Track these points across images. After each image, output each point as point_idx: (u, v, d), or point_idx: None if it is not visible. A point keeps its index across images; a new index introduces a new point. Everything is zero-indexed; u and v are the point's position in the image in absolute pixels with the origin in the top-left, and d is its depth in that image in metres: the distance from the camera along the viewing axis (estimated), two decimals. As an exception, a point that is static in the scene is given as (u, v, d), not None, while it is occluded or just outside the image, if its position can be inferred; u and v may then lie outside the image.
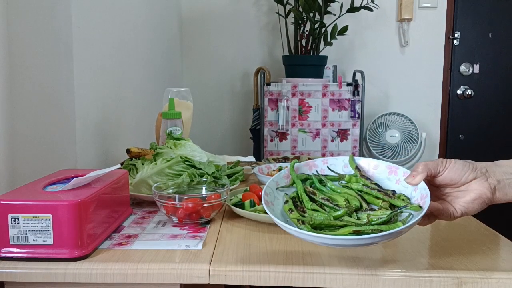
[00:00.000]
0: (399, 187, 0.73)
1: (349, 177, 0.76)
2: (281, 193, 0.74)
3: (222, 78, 2.89)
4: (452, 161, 0.69)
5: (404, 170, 0.74)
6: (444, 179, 0.69)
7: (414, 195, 0.70)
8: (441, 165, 0.69)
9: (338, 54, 2.81)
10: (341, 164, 0.80)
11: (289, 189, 0.76)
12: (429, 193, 0.66)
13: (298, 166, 0.79)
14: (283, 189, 0.75)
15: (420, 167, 0.70)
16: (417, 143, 2.66)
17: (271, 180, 0.74)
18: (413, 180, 0.70)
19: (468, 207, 0.68)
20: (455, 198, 0.69)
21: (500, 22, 2.81)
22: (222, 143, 2.93)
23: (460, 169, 0.68)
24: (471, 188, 0.68)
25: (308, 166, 0.80)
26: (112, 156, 1.41)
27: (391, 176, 0.75)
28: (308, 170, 0.79)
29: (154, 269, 0.67)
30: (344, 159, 0.80)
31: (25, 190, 0.73)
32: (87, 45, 1.25)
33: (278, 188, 0.75)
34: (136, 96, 1.80)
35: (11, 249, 0.68)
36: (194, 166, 1.00)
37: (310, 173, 0.79)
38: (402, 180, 0.73)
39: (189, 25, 2.84)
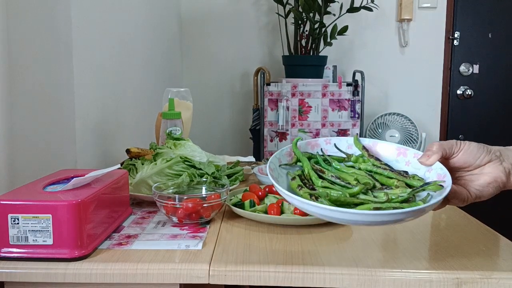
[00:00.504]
0: (410, 168, 0.70)
1: (355, 158, 0.73)
2: (284, 171, 0.70)
3: (222, 78, 2.89)
4: (466, 143, 0.67)
5: (414, 151, 0.71)
6: (458, 161, 0.66)
7: (428, 176, 0.67)
8: (455, 146, 0.66)
9: (338, 54, 2.81)
10: (345, 144, 0.76)
11: (291, 168, 0.72)
12: (448, 172, 0.63)
13: (300, 145, 0.74)
14: (285, 167, 0.71)
15: (434, 147, 0.66)
16: (417, 143, 2.66)
17: (274, 157, 0.70)
18: (427, 160, 0.66)
19: (483, 190, 0.65)
20: (469, 181, 0.66)
21: (500, 22, 2.82)
22: (222, 143, 2.93)
23: (475, 151, 0.66)
24: (485, 171, 0.66)
25: (311, 146, 0.76)
26: (112, 156, 1.41)
27: (399, 158, 0.72)
28: (311, 149, 0.76)
29: (154, 269, 0.67)
30: (348, 139, 0.76)
31: (25, 190, 0.73)
32: (87, 45, 1.25)
33: (281, 165, 0.71)
34: (136, 96, 1.80)
35: (11, 249, 0.68)
36: (194, 166, 1.00)
37: (312, 152, 0.75)
38: (412, 162, 0.70)
39: (189, 25, 2.84)
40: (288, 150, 0.73)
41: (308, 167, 0.69)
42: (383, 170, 0.68)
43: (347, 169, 0.70)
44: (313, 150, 0.75)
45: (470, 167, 0.66)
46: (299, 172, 0.69)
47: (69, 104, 1.14)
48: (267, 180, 1.13)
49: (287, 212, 0.88)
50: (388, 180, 0.67)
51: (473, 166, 0.66)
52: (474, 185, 0.66)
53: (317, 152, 0.75)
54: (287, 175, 0.69)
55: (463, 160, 0.66)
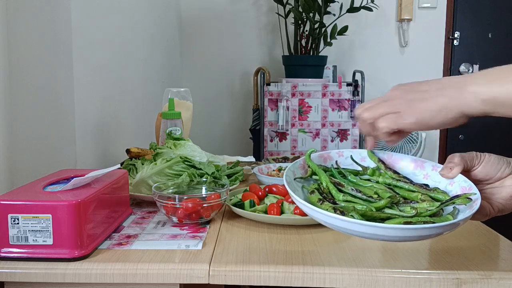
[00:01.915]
0: (429, 181, 0.67)
1: (372, 170, 0.70)
2: (299, 184, 0.67)
3: (222, 78, 2.89)
4: (486, 154, 0.65)
5: (432, 163, 0.69)
6: (479, 173, 0.64)
7: (451, 189, 0.64)
8: (476, 158, 0.64)
9: (338, 54, 2.81)
10: (358, 157, 0.73)
11: (306, 181, 0.68)
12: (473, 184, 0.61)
13: (312, 157, 0.72)
14: (300, 180, 0.68)
15: (456, 159, 0.64)
16: (417, 143, 2.66)
17: (288, 169, 0.67)
18: (449, 173, 0.64)
19: (506, 204, 0.63)
20: (491, 194, 0.64)
21: (500, 22, 2.82)
22: (222, 143, 2.93)
23: (496, 163, 0.64)
24: (506, 184, 0.64)
25: (323, 158, 0.73)
26: (112, 156, 1.41)
27: (417, 171, 0.69)
28: (323, 162, 0.73)
29: (154, 269, 0.67)
30: (360, 152, 0.73)
31: (25, 190, 0.73)
32: (87, 45, 1.25)
33: (296, 179, 0.68)
34: (136, 96, 1.80)
35: (11, 249, 0.68)
36: (194, 166, 1.00)
37: (325, 165, 0.72)
38: (431, 174, 0.67)
39: (188, 25, 2.84)
40: (301, 162, 0.70)
41: (327, 180, 0.66)
42: (403, 183, 0.66)
43: (364, 182, 0.68)
44: (326, 163, 0.73)
45: (491, 179, 0.64)
46: (316, 186, 0.66)
47: (69, 104, 1.14)
48: (267, 180, 1.13)
49: (287, 212, 0.88)
50: (410, 194, 0.64)
51: (494, 179, 0.64)
52: (496, 198, 0.64)
53: (332, 165, 0.72)
54: (302, 189, 0.67)
55: (484, 173, 0.64)
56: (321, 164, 0.71)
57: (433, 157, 2.95)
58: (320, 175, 0.67)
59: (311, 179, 0.68)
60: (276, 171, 1.26)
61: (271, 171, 1.26)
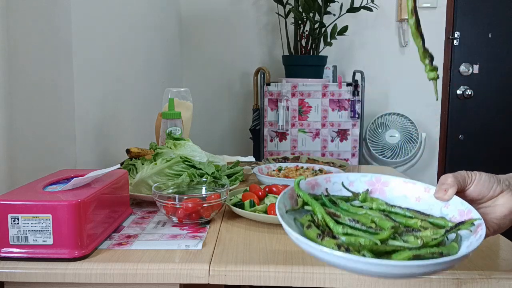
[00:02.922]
0: (422, 205, 0.65)
1: (363, 196, 0.66)
2: (291, 216, 0.63)
3: (222, 78, 2.89)
4: (477, 173, 0.63)
5: (424, 185, 0.66)
6: (472, 193, 0.63)
7: (446, 212, 0.62)
8: (468, 178, 0.63)
9: (338, 54, 2.81)
10: (346, 182, 0.70)
11: (297, 213, 0.64)
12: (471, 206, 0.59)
13: (300, 185, 0.67)
14: (292, 212, 0.63)
15: (449, 180, 0.62)
16: (417, 143, 2.66)
17: (279, 202, 0.62)
18: (445, 195, 0.62)
19: (500, 223, 0.62)
20: (484, 215, 0.62)
21: (500, 22, 2.82)
22: (222, 143, 2.93)
23: (487, 181, 0.62)
24: (499, 203, 0.62)
25: (311, 185, 0.69)
26: (112, 156, 1.41)
27: (408, 193, 0.66)
28: (311, 189, 0.68)
29: (154, 269, 0.67)
30: (348, 175, 0.70)
31: (25, 190, 0.73)
32: (87, 45, 1.25)
33: (288, 212, 0.63)
34: (136, 96, 1.80)
35: (11, 249, 0.68)
36: (194, 166, 1.00)
37: (313, 192, 0.68)
38: (423, 197, 0.65)
39: (188, 25, 2.84)
40: (290, 192, 0.65)
41: (322, 212, 0.61)
42: (398, 209, 0.63)
43: (356, 209, 0.64)
44: (314, 190, 0.68)
45: (484, 198, 0.63)
46: (309, 218, 0.62)
47: (69, 104, 1.14)
48: (267, 180, 1.13)
49: (287, 212, 0.88)
50: (408, 220, 0.61)
51: (486, 198, 0.63)
52: (490, 218, 0.62)
53: (322, 193, 0.67)
54: (294, 221, 0.62)
55: (477, 192, 0.63)
56: (309, 193, 0.67)
57: (433, 157, 2.95)
58: (314, 206, 0.62)
59: (302, 210, 0.64)
60: (276, 171, 1.26)
61: (271, 171, 1.26)
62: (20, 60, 0.90)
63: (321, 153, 2.41)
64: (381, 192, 0.67)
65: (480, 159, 2.97)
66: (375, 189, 0.68)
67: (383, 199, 0.66)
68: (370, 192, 0.68)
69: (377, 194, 0.68)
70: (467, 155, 2.96)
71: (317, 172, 1.24)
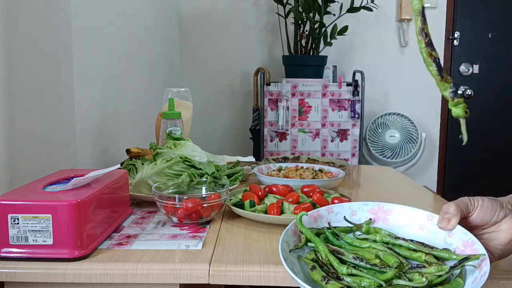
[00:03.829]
0: (425, 233, 0.64)
1: (366, 228, 0.65)
2: (295, 254, 0.61)
3: (222, 78, 2.89)
4: (479, 199, 0.62)
5: (427, 213, 0.65)
6: (475, 219, 0.62)
7: (450, 241, 0.61)
8: (470, 204, 0.62)
9: (338, 54, 2.81)
10: (348, 212, 0.69)
11: (301, 250, 0.63)
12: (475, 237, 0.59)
13: (302, 220, 0.66)
14: (295, 251, 0.62)
15: (451, 209, 0.61)
16: (417, 143, 2.66)
17: (282, 241, 0.61)
18: (448, 224, 0.61)
19: (505, 249, 0.61)
20: (488, 241, 0.62)
21: (500, 22, 2.82)
22: (222, 143, 2.93)
23: (490, 207, 0.61)
24: (502, 228, 0.61)
25: (313, 218, 0.68)
26: (112, 156, 1.41)
27: (411, 222, 0.66)
28: (314, 222, 0.67)
29: (154, 269, 0.67)
30: (350, 205, 0.70)
31: (25, 190, 0.73)
32: (87, 45, 1.25)
33: (291, 251, 0.61)
34: (136, 96, 1.80)
35: (11, 249, 0.68)
36: (194, 166, 1.00)
37: (316, 226, 0.67)
38: (427, 225, 0.64)
39: (189, 25, 2.84)
40: (292, 228, 0.64)
41: (326, 251, 0.60)
42: (402, 241, 0.62)
43: (360, 242, 0.63)
44: (317, 223, 0.68)
45: (487, 224, 0.62)
46: (313, 256, 0.61)
47: (69, 104, 1.14)
48: (267, 180, 1.13)
49: (287, 212, 0.88)
50: (412, 254, 0.59)
51: (489, 224, 0.62)
52: (494, 244, 0.61)
53: (324, 227, 0.67)
54: (298, 260, 0.61)
55: (480, 219, 0.61)
56: (312, 227, 0.66)
57: (433, 157, 2.95)
58: (318, 245, 0.61)
59: (306, 247, 0.63)
60: (276, 171, 1.26)
61: (271, 171, 1.26)
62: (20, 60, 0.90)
63: (321, 153, 2.41)
64: (384, 220, 0.67)
65: (480, 159, 2.97)
66: (378, 218, 0.67)
67: (386, 228, 0.66)
68: (373, 221, 0.68)
69: (380, 223, 0.67)
70: (467, 155, 2.96)
71: (317, 172, 1.24)
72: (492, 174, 2.96)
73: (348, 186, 1.23)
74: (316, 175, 1.21)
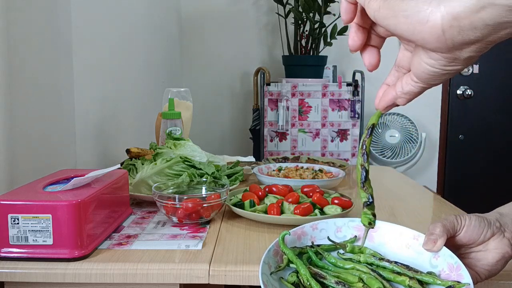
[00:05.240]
0: (411, 252, 0.62)
1: (351, 247, 0.64)
2: (276, 277, 0.59)
3: (221, 78, 2.89)
4: (466, 217, 0.60)
5: (414, 232, 0.63)
6: (462, 238, 0.60)
7: (436, 263, 0.59)
8: (457, 224, 0.60)
9: (338, 54, 2.81)
10: (333, 228, 0.68)
11: (283, 271, 0.60)
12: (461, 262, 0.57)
13: (286, 239, 0.64)
14: (277, 273, 0.59)
15: (437, 229, 0.59)
16: (417, 143, 2.66)
17: (263, 263, 0.58)
18: (434, 246, 0.59)
19: (492, 270, 0.59)
20: (476, 261, 0.60)
21: (500, 22, 2.81)
22: (222, 143, 2.93)
23: (477, 226, 0.59)
24: (490, 248, 0.59)
25: (297, 236, 0.66)
26: (112, 156, 1.41)
27: (397, 240, 0.64)
28: (297, 240, 0.66)
29: (154, 269, 0.67)
30: (335, 221, 0.68)
31: (25, 190, 0.73)
32: (87, 45, 1.25)
33: (272, 273, 0.59)
34: (136, 96, 1.80)
35: (11, 249, 0.68)
36: (194, 166, 1.00)
37: (299, 244, 0.66)
38: (413, 244, 0.62)
39: (188, 25, 2.84)
40: (274, 248, 0.62)
41: (307, 275, 0.58)
42: (387, 263, 0.60)
43: (344, 263, 0.62)
44: (301, 241, 0.66)
45: (474, 243, 0.60)
46: (295, 278, 0.59)
47: (69, 104, 1.14)
48: (267, 180, 1.13)
49: (287, 212, 0.88)
50: (396, 277, 0.58)
51: (477, 243, 0.60)
52: (482, 265, 0.59)
53: (307, 246, 0.65)
54: (279, 282, 0.59)
55: (467, 238, 0.59)
56: (295, 246, 0.64)
57: (433, 157, 2.95)
58: (300, 268, 0.59)
59: (288, 268, 0.61)
60: (276, 171, 1.26)
61: (271, 171, 1.26)
62: (20, 60, 0.90)
63: (321, 153, 2.41)
64: (369, 237, 0.65)
65: (480, 159, 2.97)
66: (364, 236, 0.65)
67: (371, 245, 0.65)
68: (359, 239, 0.66)
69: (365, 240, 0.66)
70: (467, 155, 2.96)
71: (317, 172, 1.24)
72: (492, 174, 2.96)
73: (348, 186, 1.23)
74: (316, 175, 1.21)
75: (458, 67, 0.43)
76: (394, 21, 0.43)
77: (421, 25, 0.41)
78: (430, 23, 0.40)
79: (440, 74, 0.45)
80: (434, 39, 0.41)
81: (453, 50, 0.41)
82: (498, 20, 0.38)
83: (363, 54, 0.54)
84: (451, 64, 0.43)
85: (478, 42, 0.40)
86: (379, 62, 0.55)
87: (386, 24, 0.45)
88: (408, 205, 1.05)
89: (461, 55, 0.42)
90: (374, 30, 0.52)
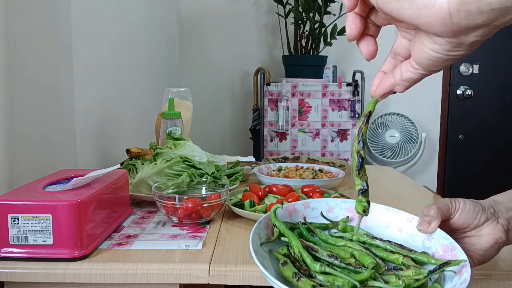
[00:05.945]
0: (404, 235, 0.62)
1: (343, 226, 0.63)
2: (266, 249, 0.58)
3: (221, 78, 2.89)
4: (461, 201, 0.60)
5: (407, 215, 0.63)
6: (456, 222, 0.60)
7: (429, 245, 0.59)
8: (452, 207, 0.60)
9: (338, 54, 2.81)
10: (325, 207, 0.67)
11: (274, 244, 0.59)
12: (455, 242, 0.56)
13: (277, 213, 0.63)
14: (267, 244, 0.59)
15: (432, 211, 0.59)
16: (417, 143, 2.66)
17: (253, 233, 0.57)
18: (428, 227, 0.59)
19: (485, 255, 0.59)
20: (469, 245, 0.59)
21: (500, 22, 2.81)
22: (222, 143, 2.93)
23: (471, 210, 0.59)
24: (484, 233, 0.59)
25: (288, 212, 0.65)
26: (112, 156, 1.41)
27: (390, 223, 0.63)
28: (288, 216, 0.65)
29: (154, 269, 0.67)
30: (328, 201, 0.67)
31: (25, 190, 0.73)
32: (87, 45, 1.25)
33: (263, 244, 0.58)
34: (136, 96, 1.80)
35: (11, 249, 0.68)
36: (194, 166, 1.00)
37: (290, 220, 0.64)
38: (406, 227, 0.62)
39: (188, 25, 2.84)
40: (265, 221, 0.61)
41: (299, 246, 0.57)
42: (380, 242, 0.59)
43: (335, 240, 0.61)
44: (292, 217, 0.65)
45: (468, 227, 0.60)
46: (285, 251, 0.58)
47: (69, 104, 1.14)
48: (267, 180, 1.13)
49: (287, 212, 0.88)
50: (389, 255, 0.57)
51: (471, 227, 0.60)
52: (475, 249, 0.59)
53: (299, 221, 0.64)
54: (269, 253, 0.58)
55: (461, 221, 0.59)
56: (286, 221, 0.63)
57: (433, 157, 2.95)
58: (291, 240, 0.58)
59: (279, 241, 0.60)
60: (276, 171, 1.26)
61: (271, 171, 1.26)
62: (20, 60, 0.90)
63: (321, 153, 2.41)
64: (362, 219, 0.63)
65: (480, 159, 2.97)
66: (356, 216, 0.63)
67: (364, 227, 0.63)
68: (351, 220, 0.65)
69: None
70: (467, 155, 2.96)
71: (317, 172, 1.24)
72: (492, 174, 2.96)
73: (348, 186, 1.23)
74: (316, 175, 1.21)
75: (462, 52, 0.43)
76: (397, 5, 0.42)
77: (426, 9, 0.40)
78: (437, 7, 0.39)
79: (443, 59, 0.44)
80: (439, 23, 0.40)
81: (458, 35, 0.41)
82: (505, 4, 0.37)
83: (360, 44, 0.54)
84: (455, 49, 0.42)
85: (484, 27, 0.40)
86: (376, 51, 0.55)
87: (388, 9, 0.43)
88: (408, 205, 1.05)
89: (466, 39, 0.41)
90: (371, 19, 0.53)
